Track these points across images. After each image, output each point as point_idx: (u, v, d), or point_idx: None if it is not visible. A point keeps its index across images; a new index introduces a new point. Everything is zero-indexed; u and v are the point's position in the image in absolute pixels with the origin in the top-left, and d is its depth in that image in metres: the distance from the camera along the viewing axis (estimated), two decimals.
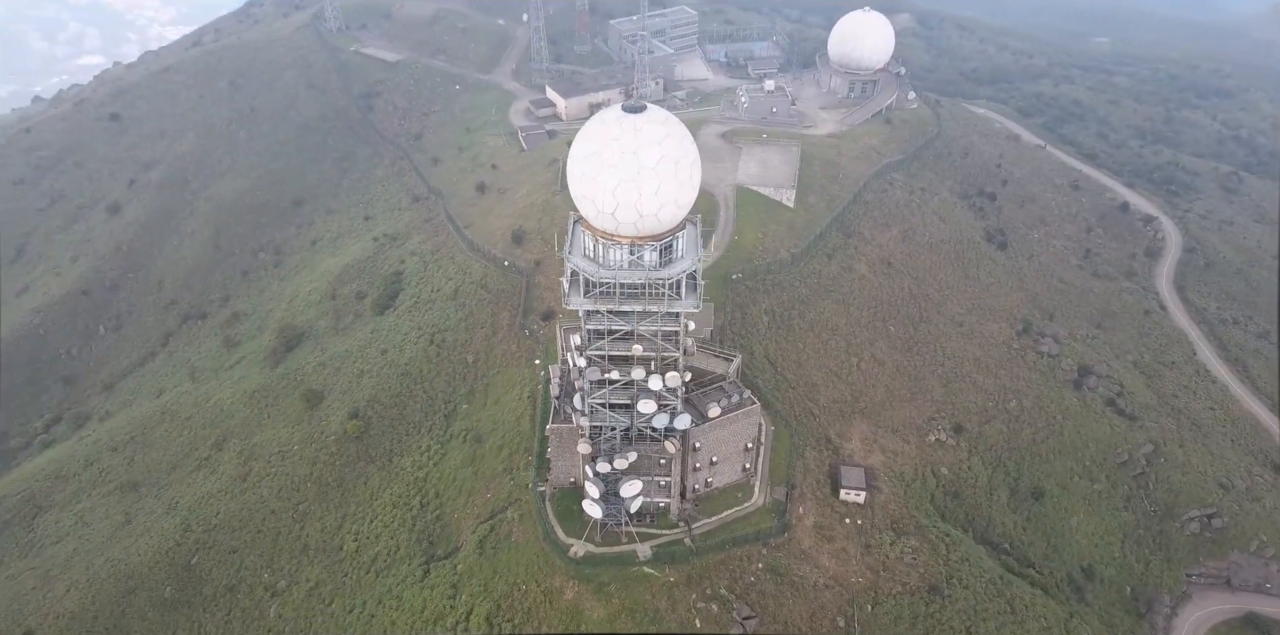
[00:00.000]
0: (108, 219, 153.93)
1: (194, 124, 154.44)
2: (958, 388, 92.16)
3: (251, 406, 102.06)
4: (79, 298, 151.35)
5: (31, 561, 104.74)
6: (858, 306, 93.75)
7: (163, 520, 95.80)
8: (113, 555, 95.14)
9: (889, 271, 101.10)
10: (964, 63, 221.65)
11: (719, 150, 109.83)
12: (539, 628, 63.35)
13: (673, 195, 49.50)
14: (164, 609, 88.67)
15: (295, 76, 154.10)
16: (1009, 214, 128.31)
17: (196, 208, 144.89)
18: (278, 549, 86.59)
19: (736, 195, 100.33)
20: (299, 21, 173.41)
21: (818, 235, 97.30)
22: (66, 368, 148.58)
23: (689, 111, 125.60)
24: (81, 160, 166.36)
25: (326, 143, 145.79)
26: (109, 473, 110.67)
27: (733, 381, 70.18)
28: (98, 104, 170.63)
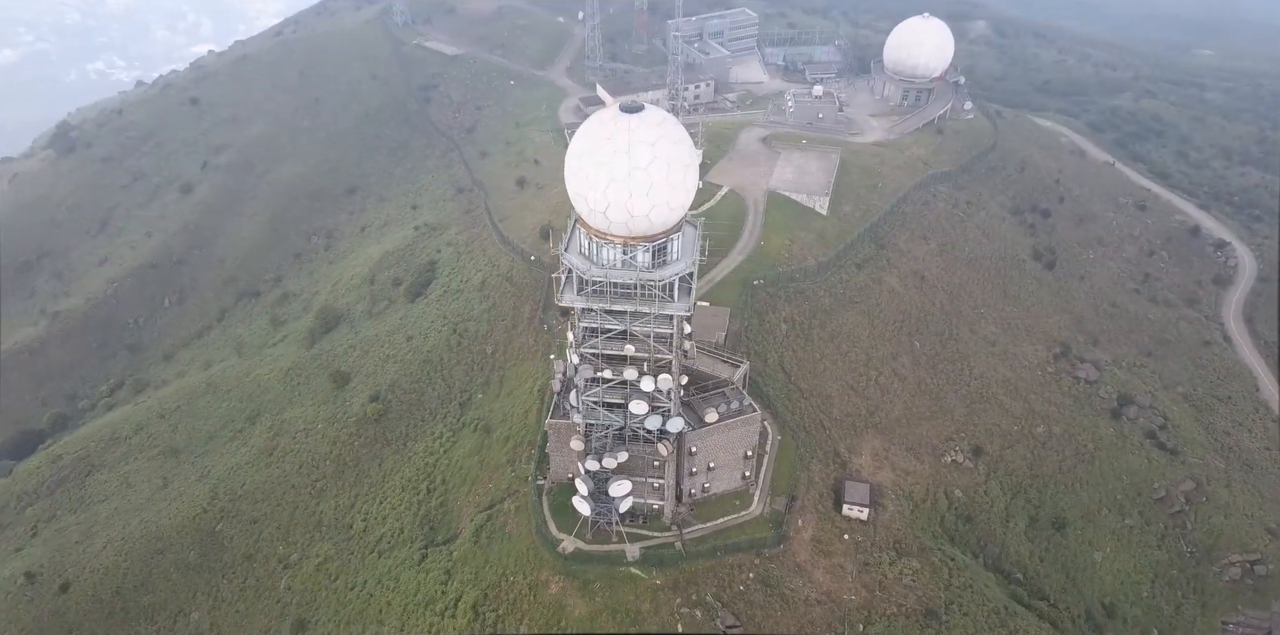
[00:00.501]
0: (180, 198, 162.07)
1: (264, 111, 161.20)
2: (981, 409, 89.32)
3: (285, 384, 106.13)
4: (149, 271, 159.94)
5: (79, 516, 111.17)
6: (883, 319, 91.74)
7: (195, 487, 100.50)
8: (147, 517, 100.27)
9: (922, 285, 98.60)
10: (1037, 73, 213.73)
11: (756, 154, 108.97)
12: (521, 619, 64.18)
13: (664, 197, 49.48)
14: (187, 571, 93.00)
15: (360, 68, 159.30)
16: (1063, 232, 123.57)
17: (259, 191, 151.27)
18: (294, 523, 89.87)
19: (768, 200, 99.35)
20: (369, 15, 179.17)
21: (848, 245, 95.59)
22: (133, 336, 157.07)
23: (734, 114, 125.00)
24: (162, 141, 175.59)
25: (383, 133, 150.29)
26: (155, 438, 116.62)
27: (735, 387, 69.58)
28: (180, 89, 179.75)
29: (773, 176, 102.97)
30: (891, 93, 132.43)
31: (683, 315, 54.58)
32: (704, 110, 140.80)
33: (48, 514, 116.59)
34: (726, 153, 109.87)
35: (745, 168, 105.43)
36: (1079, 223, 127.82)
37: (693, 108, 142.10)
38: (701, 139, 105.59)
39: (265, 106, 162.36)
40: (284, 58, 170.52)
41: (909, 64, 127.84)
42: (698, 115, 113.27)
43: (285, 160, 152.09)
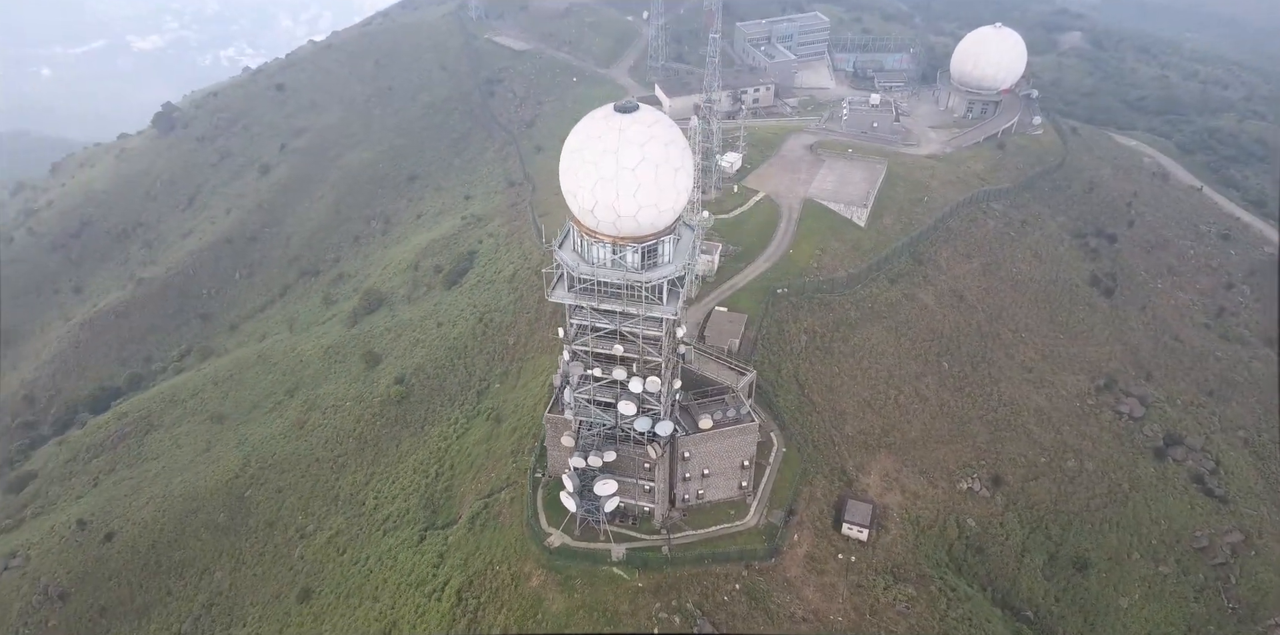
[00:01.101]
0: (258, 178, 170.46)
1: (340, 98, 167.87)
2: (1007, 437, 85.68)
3: (324, 361, 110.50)
4: (224, 245, 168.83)
5: (133, 471, 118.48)
6: (911, 337, 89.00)
7: (232, 452, 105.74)
8: (187, 477, 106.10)
9: (959, 305, 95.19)
10: (1132, 89, 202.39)
11: (799, 161, 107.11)
12: (500, 608, 65.19)
13: (652, 199, 49.33)
14: (215, 532, 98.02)
15: (431, 60, 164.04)
16: (1129, 259, 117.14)
17: (328, 175, 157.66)
18: (314, 494, 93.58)
19: (803, 208, 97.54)
20: (447, 9, 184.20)
21: (883, 258, 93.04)
22: (205, 306, 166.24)
23: (791, 119, 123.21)
24: (249, 124, 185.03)
25: (447, 123, 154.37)
26: (206, 404, 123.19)
27: (736, 395, 68.82)
28: (269, 75, 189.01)
29: (812, 184, 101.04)
30: (956, 104, 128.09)
31: (671, 318, 54.25)
32: (761, 114, 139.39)
33: (109, 466, 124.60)
34: (768, 158, 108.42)
35: (785, 174, 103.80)
36: (1149, 250, 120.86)
37: (751, 112, 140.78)
38: (742, 143, 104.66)
39: (342, 94, 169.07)
40: (363, 48, 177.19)
41: (975, 75, 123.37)
42: (740, 119, 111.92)
43: (355, 146, 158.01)
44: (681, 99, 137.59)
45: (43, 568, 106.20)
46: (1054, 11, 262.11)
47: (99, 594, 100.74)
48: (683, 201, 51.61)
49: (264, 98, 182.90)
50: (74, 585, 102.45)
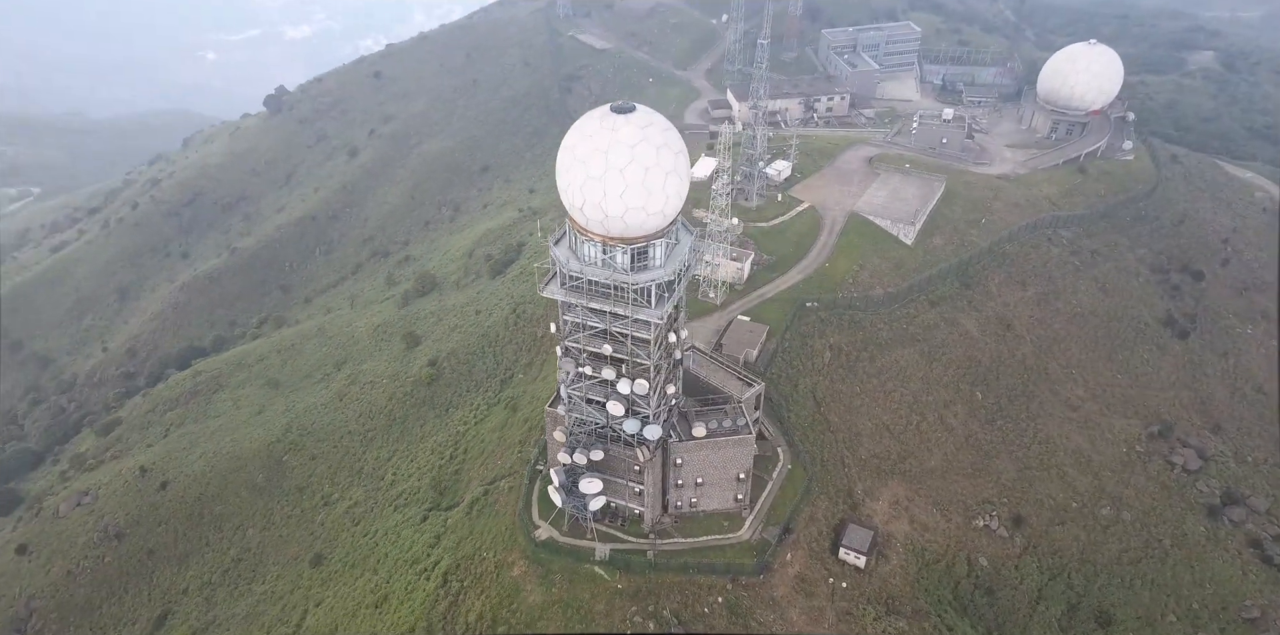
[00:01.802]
0: (346, 160, 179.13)
1: (429, 88, 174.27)
2: (1038, 476, 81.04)
3: (372, 338, 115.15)
4: (309, 222, 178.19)
5: (195, 427, 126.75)
6: (946, 363, 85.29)
7: (278, 418, 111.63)
8: (237, 437, 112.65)
9: (1005, 334, 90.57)
10: (1261, 116, 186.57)
11: (853, 173, 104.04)
12: (480, 595, 66.42)
13: (639, 201, 49.13)
14: (252, 492, 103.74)
15: (516, 55, 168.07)
16: (1216, 300, 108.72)
17: (408, 161, 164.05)
18: (341, 466, 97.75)
19: (847, 222, 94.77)
20: (537, 5, 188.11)
21: (926, 278, 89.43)
22: (286, 278, 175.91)
23: (853, 131, 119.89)
24: (346, 108, 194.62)
25: (524, 118, 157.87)
26: (268, 370, 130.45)
27: (736, 406, 67.74)
28: (369, 63, 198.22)
29: (862, 198, 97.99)
30: (1040, 124, 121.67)
31: (658, 322, 53.97)
32: (834, 124, 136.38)
33: (179, 420, 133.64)
34: (821, 168, 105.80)
35: (835, 185, 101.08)
36: (1241, 291, 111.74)
37: (823, 121, 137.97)
38: (793, 152, 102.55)
39: (431, 84, 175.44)
40: (455, 40, 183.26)
41: (1062, 94, 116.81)
42: (806, 128, 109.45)
43: (436, 135, 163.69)
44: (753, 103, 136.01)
45: (107, 507, 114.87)
46: (1187, 29, 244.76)
47: (149, 537, 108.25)
48: (674, 206, 51.22)
49: (362, 84, 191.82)
50: (130, 527, 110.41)
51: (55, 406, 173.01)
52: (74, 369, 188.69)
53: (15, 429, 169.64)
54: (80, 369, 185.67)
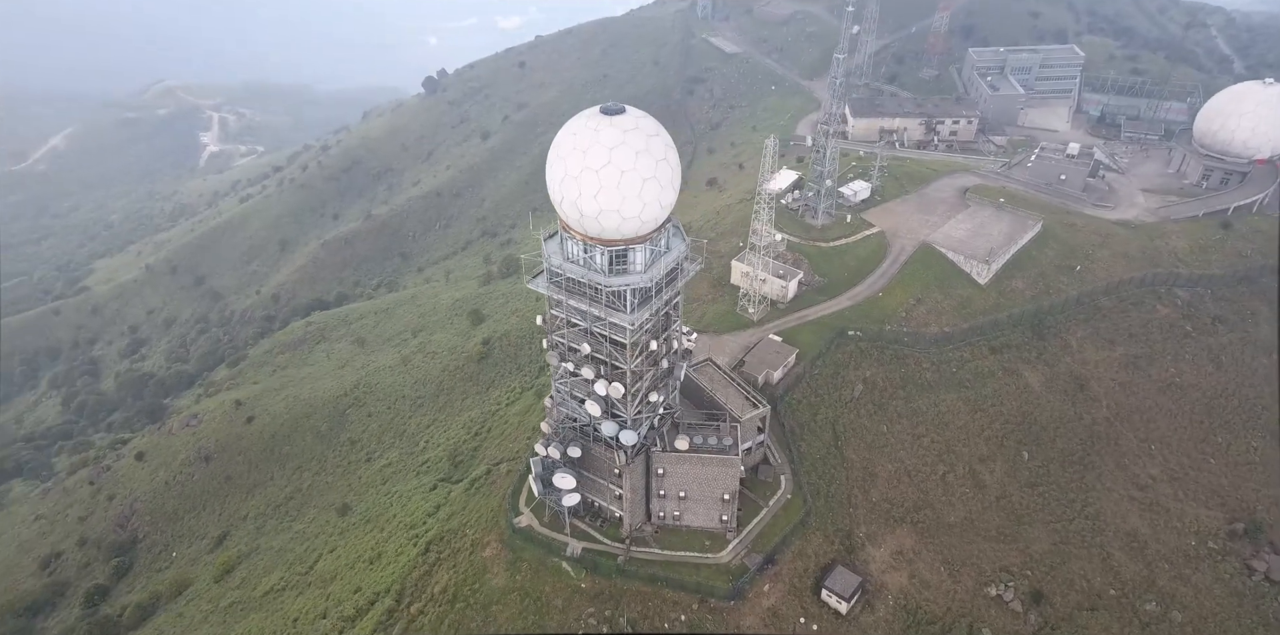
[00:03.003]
0: (479, 143, 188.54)
1: (563, 80, 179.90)
2: (1074, 553, 73.16)
3: (449, 311, 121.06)
4: (435, 197, 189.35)
5: (292, 372, 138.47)
6: (994, 415, 78.59)
7: (352, 373, 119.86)
8: (316, 386, 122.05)
9: (1076, 394, 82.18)
10: None
11: (940, 203, 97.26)
12: (450, 569, 68.51)
13: (614, 204, 48.78)
14: (315, 438, 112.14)
15: (647, 53, 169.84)
16: None
17: (530, 148, 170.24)
18: (389, 427, 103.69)
19: (915, 252, 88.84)
20: (679, 6, 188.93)
21: (993, 322, 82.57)
22: (407, 247, 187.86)
23: (964, 157, 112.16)
24: (489, 94, 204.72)
25: None
26: (361, 328, 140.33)
27: (731, 426, 65.83)
28: (517, 53, 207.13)
29: (940, 229, 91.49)
30: (1190, 169, 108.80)
31: (630, 328, 53.45)
32: (957, 148, 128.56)
33: (284, 363, 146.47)
34: (906, 193, 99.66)
35: (915, 213, 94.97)
36: None
37: (946, 145, 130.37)
38: (875, 173, 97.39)
39: (565, 76, 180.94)
40: (595, 36, 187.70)
41: (1221, 137, 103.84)
42: (880, 147, 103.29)
43: (559, 125, 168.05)
44: (868, 121, 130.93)
45: (205, 432, 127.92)
46: None
47: (230, 464, 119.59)
48: (655, 213, 50.42)
49: (507, 72, 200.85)
50: (217, 452, 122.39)
51: (214, 337, 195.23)
52: (234, 306, 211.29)
53: (182, 352, 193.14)
54: (238, 307, 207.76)
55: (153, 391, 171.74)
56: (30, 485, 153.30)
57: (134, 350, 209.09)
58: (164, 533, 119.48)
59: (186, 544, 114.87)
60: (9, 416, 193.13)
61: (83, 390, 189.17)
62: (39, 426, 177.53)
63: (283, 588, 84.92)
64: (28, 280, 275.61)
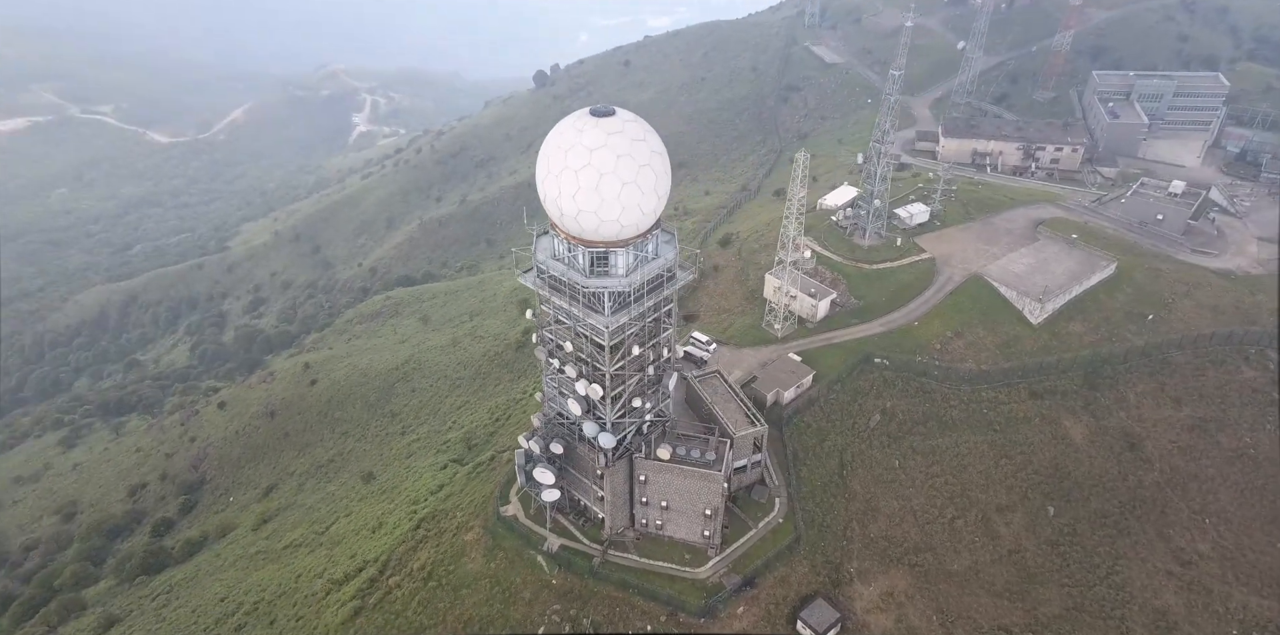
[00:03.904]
0: None
1: (661, 81, 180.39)
2: (1088, 622, 67.22)
3: (505, 298, 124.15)
4: (525, 187, 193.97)
5: (360, 342, 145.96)
6: (1021, 464, 73.18)
7: (407, 349, 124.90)
8: (374, 357, 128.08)
9: (1124, 453, 75.37)
10: None
11: (1004, 233, 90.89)
12: (431, 549, 70.20)
13: (592, 205, 48.45)
14: (364, 407, 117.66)
15: (747, 58, 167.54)
16: None
17: None
18: (427, 404, 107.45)
19: (964, 283, 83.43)
20: (788, 13, 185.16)
21: (1039, 365, 76.75)
22: (494, 233, 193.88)
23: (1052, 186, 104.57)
24: (592, 91, 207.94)
25: (733, 121, 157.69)
26: (429, 307, 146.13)
27: (720, 442, 64.29)
28: (626, 51, 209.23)
29: (999, 261, 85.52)
30: None
31: (605, 330, 53.12)
32: (1057, 177, 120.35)
33: (359, 334, 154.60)
34: (971, 220, 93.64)
35: (975, 242, 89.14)
36: None
37: (1046, 172, 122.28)
38: (938, 197, 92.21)
39: (665, 77, 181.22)
40: (700, 38, 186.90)
41: None
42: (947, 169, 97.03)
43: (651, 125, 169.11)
44: (959, 141, 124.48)
45: (276, 389, 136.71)
46: None
47: (289, 423, 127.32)
48: (635, 218, 49.77)
49: (612, 70, 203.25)
50: (281, 409, 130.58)
51: (318, 302, 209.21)
52: (339, 275, 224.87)
53: (290, 313, 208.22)
54: (342, 276, 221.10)
55: (259, 347, 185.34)
56: (144, 420, 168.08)
57: (254, 308, 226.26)
58: (227, 478, 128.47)
59: (243, 491, 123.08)
60: (150, 356, 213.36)
61: (207, 339, 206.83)
62: (168, 368, 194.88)
63: (300, 544, 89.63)
64: (191, 237, 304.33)
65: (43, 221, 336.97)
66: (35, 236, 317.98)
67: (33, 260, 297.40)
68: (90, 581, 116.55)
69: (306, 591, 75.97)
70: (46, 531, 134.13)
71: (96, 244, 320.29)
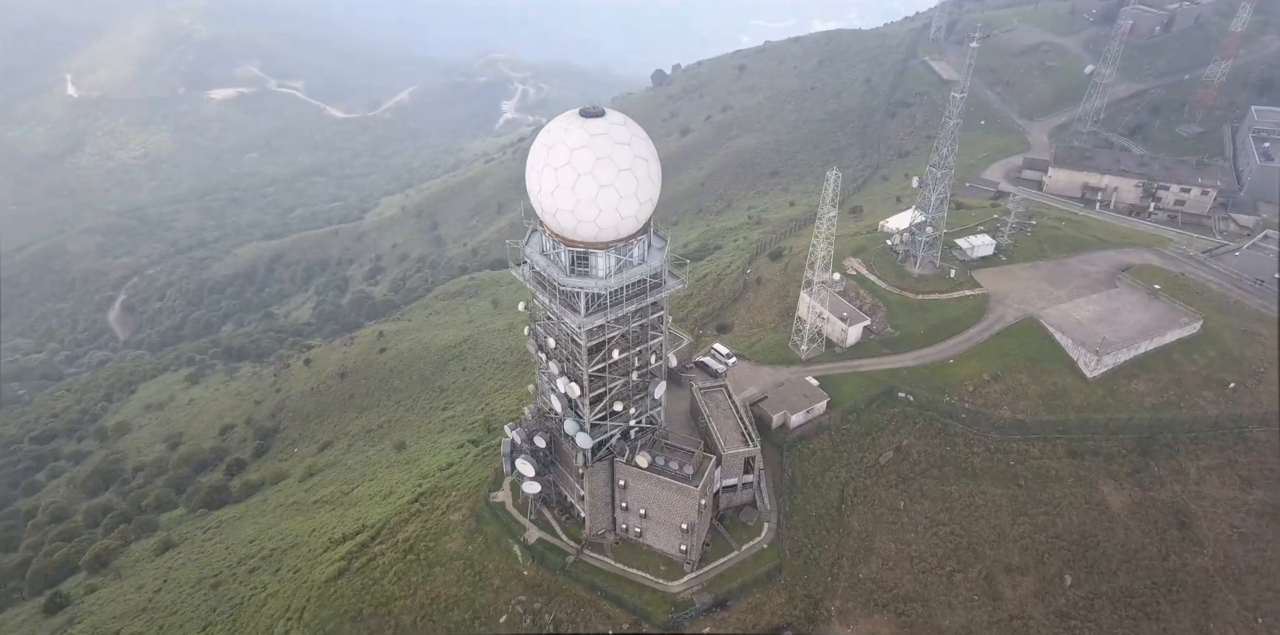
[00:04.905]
0: (676, 138, 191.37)
1: (771, 87, 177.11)
2: None
3: None
4: None
5: (435, 317, 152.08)
6: (1042, 525, 67.07)
7: (468, 330, 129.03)
8: (437, 333, 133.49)
9: (1170, 532, 67.69)
10: None
11: (1077, 276, 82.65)
12: (418, 525, 72.17)
13: (568, 204, 47.93)
14: (419, 379, 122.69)
15: (862, 70, 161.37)
16: None
17: (717, 150, 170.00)
18: (471, 383, 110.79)
19: (1016, 324, 76.75)
20: (914, 26, 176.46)
21: (1084, 422, 69.98)
22: None
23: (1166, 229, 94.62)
24: (704, 93, 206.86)
25: (835, 134, 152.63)
26: (504, 292, 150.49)
27: (705, 456, 62.60)
28: (742, 55, 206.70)
29: (1060, 305, 78.00)
30: None
31: (578, 331, 52.74)
32: (1179, 221, 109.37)
33: (440, 309, 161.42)
34: (1042, 259, 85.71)
35: (1040, 282, 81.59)
36: None
37: (1168, 215, 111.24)
38: (1006, 230, 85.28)
39: (776, 83, 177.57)
40: (818, 47, 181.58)
41: None
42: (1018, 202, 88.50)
43: (752, 131, 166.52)
44: (1069, 173, 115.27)
45: (351, 353, 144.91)
46: None
47: (355, 385, 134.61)
48: (612, 221, 48.81)
49: (726, 74, 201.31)
50: (351, 372, 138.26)
51: (424, 277, 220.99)
52: (448, 253, 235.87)
53: (400, 285, 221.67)
54: (450, 254, 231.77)
55: (366, 312, 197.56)
56: (253, 367, 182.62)
57: (372, 275, 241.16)
58: (296, 430, 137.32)
59: (305, 444, 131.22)
60: (282, 310, 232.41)
61: (328, 301, 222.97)
62: (292, 323, 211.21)
63: (326, 501, 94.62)
64: (342, 206, 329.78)
65: (232, 181, 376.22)
66: (222, 194, 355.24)
67: (215, 215, 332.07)
68: (169, 507, 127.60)
69: (312, 546, 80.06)
70: (154, 456, 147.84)
71: (268, 204, 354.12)
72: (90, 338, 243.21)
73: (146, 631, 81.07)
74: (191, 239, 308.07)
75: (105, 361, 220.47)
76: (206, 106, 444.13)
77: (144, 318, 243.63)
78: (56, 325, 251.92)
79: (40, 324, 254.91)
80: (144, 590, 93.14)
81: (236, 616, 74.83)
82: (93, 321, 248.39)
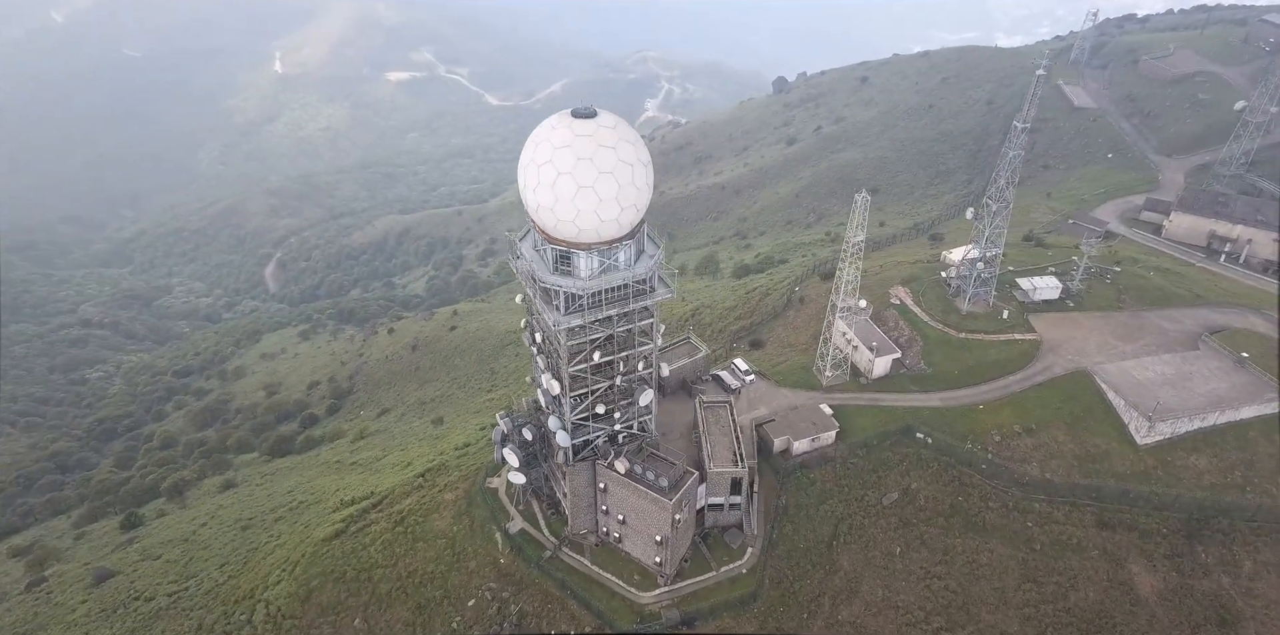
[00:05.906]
0: (783, 148, 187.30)
1: (889, 101, 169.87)
2: None
3: None
4: (719, 190, 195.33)
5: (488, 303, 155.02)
6: (1053, 596, 61.01)
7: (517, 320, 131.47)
8: (504, 318, 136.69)
9: (1210, 628, 60.19)
10: None
11: (1152, 332, 73.79)
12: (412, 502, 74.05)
13: (547, 202, 47.35)
14: (476, 360, 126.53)
15: (986, 91, 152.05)
16: None
17: (817, 162, 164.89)
18: (518, 370, 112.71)
19: (1064, 377, 69.53)
20: (1059, 46, 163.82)
21: (1124, 493, 63.02)
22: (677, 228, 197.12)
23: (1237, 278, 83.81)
24: (821, 102, 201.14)
25: (943, 155, 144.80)
26: None
27: (688, 470, 60.94)
28: (866, 67, 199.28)
29: (1121, 362, 69.82)
30: None
31: (555, 329, 52.42)
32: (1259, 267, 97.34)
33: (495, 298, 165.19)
34: (1117, 310, 77.12)
35: (1105, 334, 73.32)
36: None
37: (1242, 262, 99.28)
38: (1079, 274, 77.38)
39: (894, 98, 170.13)
40: (946, 62, 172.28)
41: None
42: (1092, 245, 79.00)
43: (856, 146, 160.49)
44: (1194, 219, 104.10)
45: (427, 327, 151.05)
46: None
47: (422, 358, 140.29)
48: (592, 223, 47.71)
49: (847, 85, 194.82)
50: (421, 345, 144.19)
51: None
52: None
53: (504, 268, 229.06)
54: None
55: (467, 291, 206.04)
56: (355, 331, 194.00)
57: (483, 257, 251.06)
58: (366, 393, 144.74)
59: (370, 408, 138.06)
60: (403, 281, 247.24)
61: (440, 277, 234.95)
62: (405, 294, 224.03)
63: (359, 465, 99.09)
64: (478, 188, 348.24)
65: (392, 158, 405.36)
66: (379, 168, 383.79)
67: (370, 186, 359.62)
68: (247, 450, 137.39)
69: (327, 505, 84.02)
70: (252, 401, 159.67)
71: (417, 181, 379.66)
72: (248, 287, 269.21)
73: (179, 560, 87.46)
74: (344, 207, 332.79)
75: (254, 310, 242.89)
76: (383, 87, 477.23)
77: (291, 275, 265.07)
78: (225, 274, 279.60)
79: (215, 272, 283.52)
80: (194, 522, 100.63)
81: (248, 560, 79.50)
82: (252, 273, 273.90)
